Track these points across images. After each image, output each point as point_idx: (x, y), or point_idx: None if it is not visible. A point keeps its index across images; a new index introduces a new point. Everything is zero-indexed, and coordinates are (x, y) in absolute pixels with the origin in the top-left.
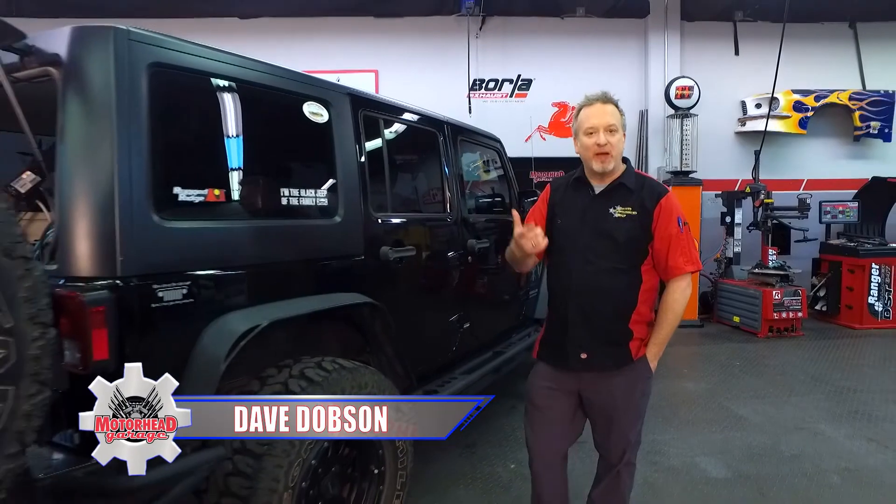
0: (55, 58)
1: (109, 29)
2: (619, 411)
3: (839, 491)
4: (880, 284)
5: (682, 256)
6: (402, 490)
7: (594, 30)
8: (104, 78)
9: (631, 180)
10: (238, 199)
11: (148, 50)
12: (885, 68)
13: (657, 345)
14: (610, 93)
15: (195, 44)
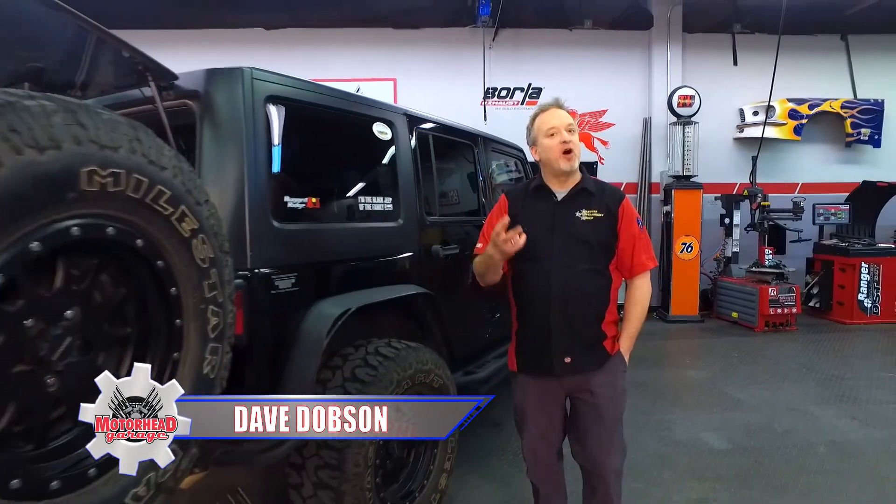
0: (194, 92)
1: (238, 70)
2: (606, 411)
3: (825, 459)
4: (869, 282)
5: (645, 253)
6: (452, 454)
7: (601, 41)
8: (235, 108)
9: (590, 184)
10: (329, 205)
11: (265, 86)
12: (874, 78)
13: (629, 338)
14: (562, 99)
15: (298, 79)
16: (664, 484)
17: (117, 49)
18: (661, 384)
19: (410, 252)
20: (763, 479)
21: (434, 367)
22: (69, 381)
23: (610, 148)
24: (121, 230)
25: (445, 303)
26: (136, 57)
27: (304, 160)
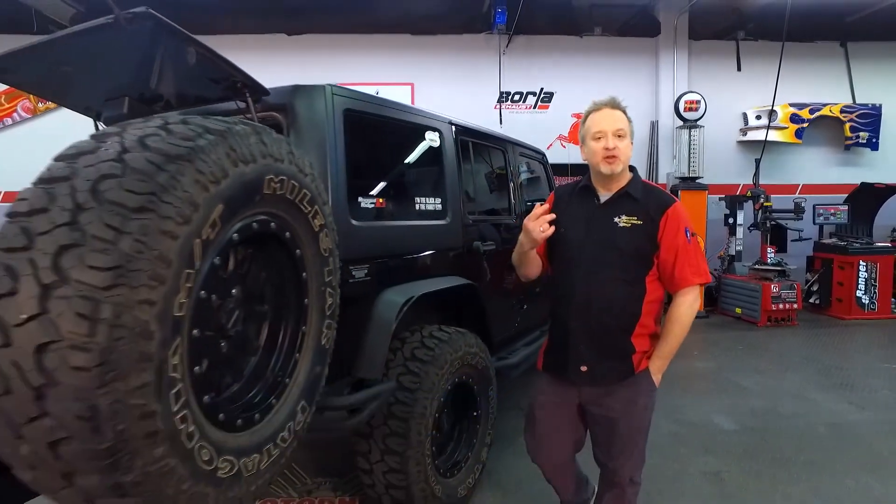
0: (282, 105)
1: (321, 86)
2: (621, 426)
3: (824, 438)
4: (867, 279)
5: (690, 268)
6: (492, 429)
7: (610, 48)
8: (318, 119)
9: (637, 189)
10: (391, 205)
11: (342, 100)
12: (872, 84)
13: (661, 358)
14: (618, 98)
15: (367, 94)
16: (680, 458)
17: (223, 68)
18: (673, 373)
19: (456, 247)
20: (769, 454)
21: (479, 350)
22: (234, 345)
23: None
24: (278, 225)
25: (484, 293)
26: (237, 75)
27: (372, 165)
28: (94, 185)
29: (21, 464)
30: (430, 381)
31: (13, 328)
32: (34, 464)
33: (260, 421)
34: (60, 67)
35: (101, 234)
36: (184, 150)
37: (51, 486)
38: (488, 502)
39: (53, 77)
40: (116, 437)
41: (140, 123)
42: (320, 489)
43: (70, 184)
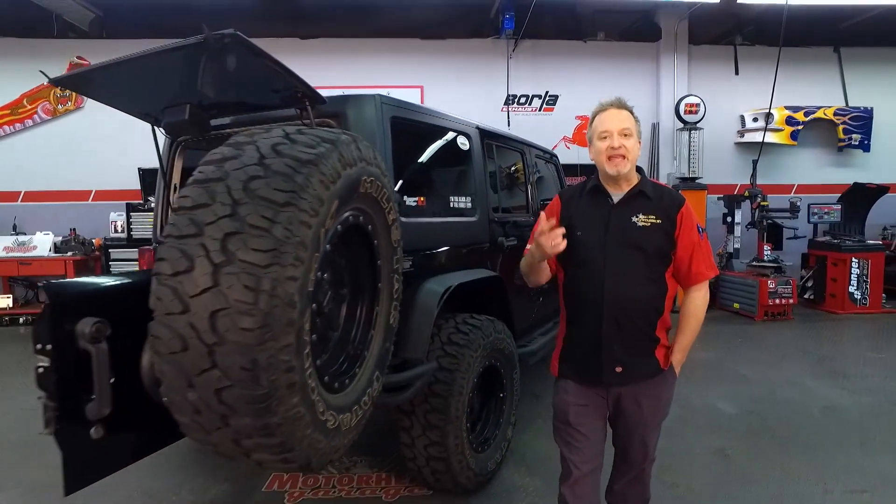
0: (336, 113)
1: (372, 96)
2: (647, 419)
3: (819, 419)
4: (859, 276)
5: (704, 262)
6: (515, 410)
7: (613, 52)
8: (369, 126)
9: (649, 188)
10: (430, 203)
11: (389, 108)
12: (864, 88)
13: (681, 351)
14: (624, 99)
15: (410, 102)
16: (687, 438)
17: (288, 80)
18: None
19: (484, 242)
20: (769, 433)
21: (505, 336)
22: (327, 320)
23: None
24: (364, 218)
25: (508, 285)
26: (299, 86)
27: (414, 166)
28: (245, 184)
29: (186, 408)
30: (466, 362)
31: (190, 298)
32: (199, 408)
33: (348, 385)
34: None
35: (259, 224)
36: (311, 156)
37: (207, 428)
38: (514, 477)
39: (123, 87)
40: (269, 386)
41: (264, 134)
42: (357, 467)
43: (225, 183)
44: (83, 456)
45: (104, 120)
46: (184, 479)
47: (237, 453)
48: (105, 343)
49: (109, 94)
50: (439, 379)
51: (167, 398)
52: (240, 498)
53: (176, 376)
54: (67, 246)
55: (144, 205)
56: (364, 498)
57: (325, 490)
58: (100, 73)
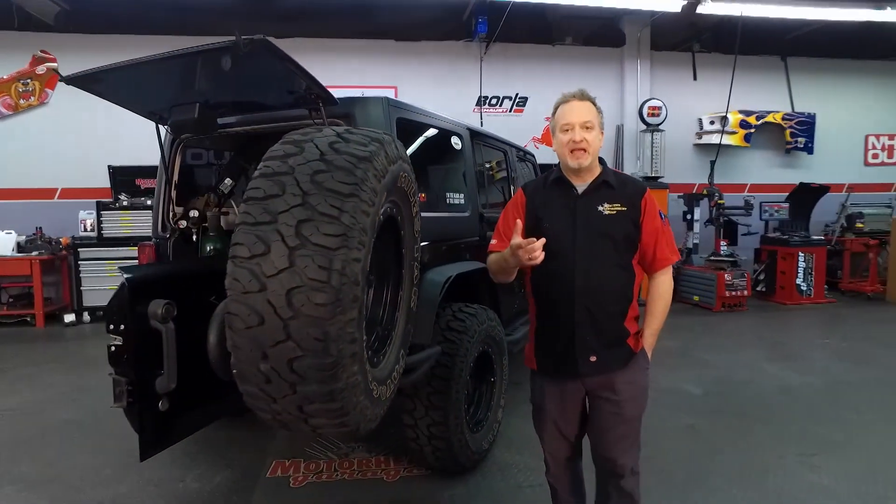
0: (346, 113)
1: (380, 98)
2: (625, 409)
3: (774, 397)
4: (805, 269)
5: (668, 248)
6: (504, 392)
7: (579, 56)
8: (378, 126)
9: (611, 178)
10: (430, 199)
11: (396, 110)
12: (808, 94)
13: (653, 335)
14: (587, 90)
15: (413, 105)
16: (660, 416)
17: (305, 82)
18: None
19: (474, 236)
20: (732, 410)
21: (496, 324)
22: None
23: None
24: (396, 210)
25: None
26: (315, 88)
27: (418, 164)
28: (311, 177)
29: (257, 378)
30: (464, 347)
31: (267, 278)
32: (270, 377)
33: (382, 361)
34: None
35: (328, 212)
36: (366, 153)
37: (274, 395)
38: (504, 455)
39: (133, 87)
40: (337, 355)
41: (318, 133)
42: (355, 452)
43: (293, 177)
44: (153, 426)
45: (69, 116)
46: (186, 467)
47: (297, 419)
48: (172, 323)
49: (119, 93)
50: (441, 363)
51: (237, 370)
52: (244, 484)
53: (251, 349)
54: (33, 245)
55: (115, 203)
56: (366, 479)
57: (328, 474)
58: (114, 74)
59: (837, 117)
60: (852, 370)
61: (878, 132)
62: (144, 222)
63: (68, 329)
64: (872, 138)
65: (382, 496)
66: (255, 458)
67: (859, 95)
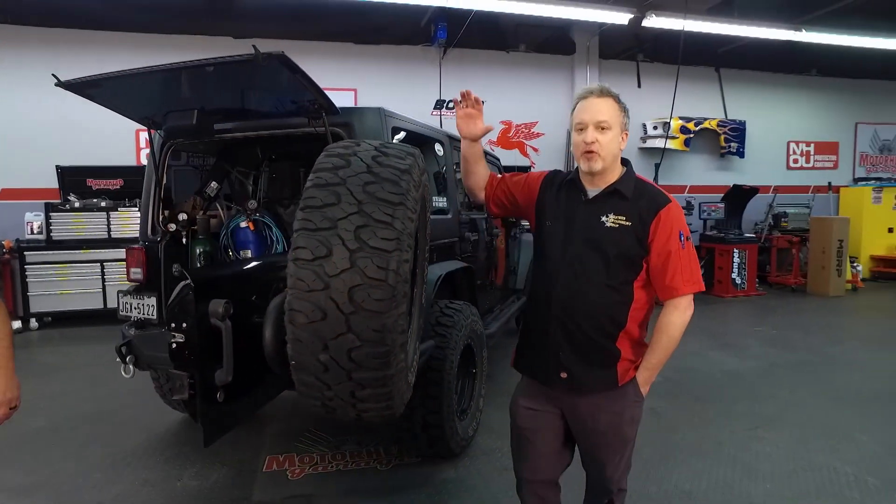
0: (345, 122)
1: (377, 108)
2: (607, 438)
3: (721, 380)
4: (739, 264)
5: (681, 275)
6: (484, 383)
7: (532, 63)
8: (377, 135)
9: (628, 186)
10: None
11: (391, 120)
12: (739, 103)
13: (648, 369)
14: (608, 85)
15: (405, 116)
16: None
17: (312, 94)
18: None
19: (455, 237)
20: (686, 394)
21: (478, 319)
22: None
23: (540, 154)
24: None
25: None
26: (320, 99)
27: None
28: (363, 188)
29: (315, 368)
30: (454, 341)
31: (330, 277)
32: (328, 366)
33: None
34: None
35: (383, 219)
36: (406, 166)
37: (330, 383)
38: (486, 442)
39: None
40: (391, 344)
41: (359, 147)
42: (346, 444)
43: (346, 187)
44: (213, 415)
45: (9, 113)
46: (181, 467)
47: (347, 405)
48: (229, 320)
49: (114, 98)
50: (434, 356)
51: (297, 361)
52: (243, 479)
53: (313, 341)
54: None
55: (65, 205)
56: (361, 468)
57: (324, 466)
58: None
59: (764, 125)
60: (782, 354)
61: (798, 139)
62: (98, 224)
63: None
64: (793, 144)
65: (381, 483)
66: (249, 455)
67: (782, 106)
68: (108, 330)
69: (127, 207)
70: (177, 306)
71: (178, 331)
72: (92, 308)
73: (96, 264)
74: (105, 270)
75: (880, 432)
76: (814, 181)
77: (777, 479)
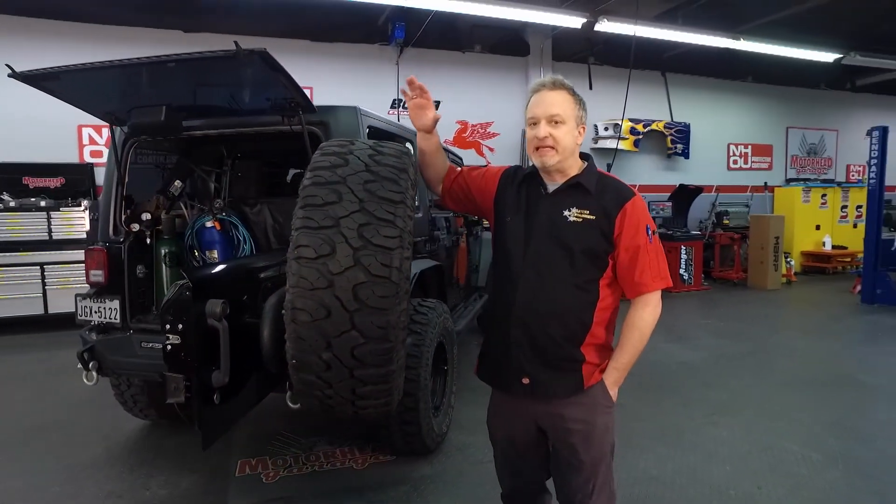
0: (320, 122)
1: (354, 108)
2: (580, 448)
3: (677, 370)
4: (686, 260)
5: (650, 271)
6: (454, 380)
7: (488, 64)
8: (354, 133)
9: (591, 180)
10: None
11: (367, 119)
12: (684, 106)
13: (617, 370)
14: (562, 77)
15: (380, 115)
16: None
17: (292, 92)
18: None
19: (425, 236)
20: (648, 384)
21: (449, 316)
22: None
23: (496, 153)
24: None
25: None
26: (298, 98)
27: None
28: (364, 186)
29: (317, 366)
30: (428, 338)
31: (334, 275)
32: (331, 364)
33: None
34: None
35: (385, 217)
36: (403, 165)
37: (331, 381)
38: (459, 437)
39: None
40: (394, 341)
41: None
42: (318, 445)
43: (346, 185)
44: (210, 417)
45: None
46: (147, 475)
47: (346, 402)
48: (226, 321)
49: (73, 92)
50: (411, 353)
51: (298, 360)
52: (215, 485)
53: (316, 339)
54: None
55: None
56: (336, 469)
57: (298, 468)
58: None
59: (707, 127)
60: (730, 345)
61: (737, 141)
62: (37, 225)
63: None
64: (733, 146)
65: (359, 483)
66: (219, 460)
67: (723, 109)
68: (51, 337)
69: (70, 207)
70: (173, 307)
71: (173, 332)
72: (31, 314)
73: (35, 267)
74: (46, 274)
75: (818, 413)
76: (751, 181)
77: (734, 461)
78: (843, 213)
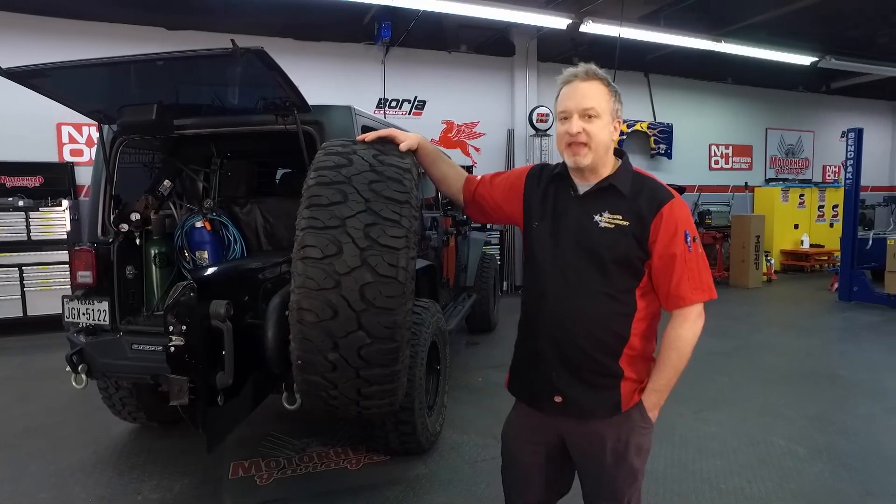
0: (314, 121)
1: (348, 107)
2: (609, 470)
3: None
4: None
5: (690, 282)
6: (447, 378)
7: (473, 64)
8: (346, 131)
9: (625, 181)
10: None
11: (360, 118)
12: (667, 107)
13: (657, 391)
14: (594, 66)
15: (373, 115)
16: None
17: (287, 91)
18: None
19: (418, 235)
20: None
21: (442, 316)
22: None
23: (482, 153)
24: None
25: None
26: (294, 97)
27: None
28: (369, 186)
29: (323, 367)
30: (423, 338)
31: (341, 275)
32: (337, 364)
33: None
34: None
35: (391, 217)
36: (407, 165)
37: (337, 381)
38: (453, 437)
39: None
40: (400, 341)
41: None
42: (311, 447)
43: (352, 185)
44: (214, 419)
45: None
46: (138, 480)
47: (350, 403)
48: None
49: (62, 90)
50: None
51: (304, 360)
52: (208, 488)
53: (322, 340)
54: None
55: None
56: (331, 470)
57: (292, 469)
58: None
59: (689, 128)
60: (716, 342)
61: (718, 142)
62: (15, 225)
63: None
64: (714, 147)
65: (354, 483)
66: (211, 463)
67: (704, 110)
68: (30, 340)
69: (49, 207)
70: (177, 308)
71: (177, 333)
72: (9, 317)
73: (14, 269)
74: (24, 275)
75: (802, 407)
76: (732, 181)
77: (724, 456)
78: (819, 213)
